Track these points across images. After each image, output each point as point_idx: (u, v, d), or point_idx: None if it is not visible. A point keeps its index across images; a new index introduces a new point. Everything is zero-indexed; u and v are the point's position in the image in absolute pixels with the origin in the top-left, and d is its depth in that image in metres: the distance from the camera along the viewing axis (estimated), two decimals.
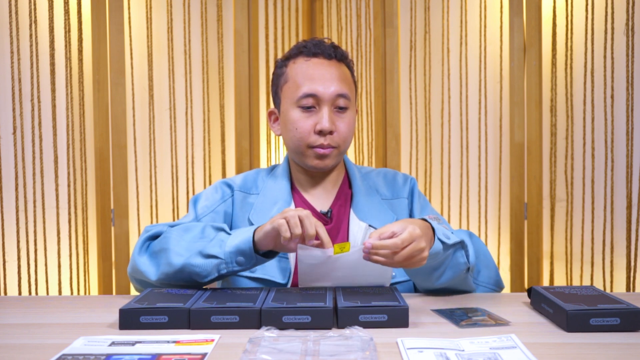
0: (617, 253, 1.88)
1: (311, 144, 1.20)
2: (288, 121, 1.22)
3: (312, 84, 1.20)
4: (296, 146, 1.22)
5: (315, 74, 1.21)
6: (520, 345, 0.81)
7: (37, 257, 1.89)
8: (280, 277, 1.18)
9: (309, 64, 1.22)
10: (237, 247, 1.05)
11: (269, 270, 1.18)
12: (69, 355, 0.79)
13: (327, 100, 1.19)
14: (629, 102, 1.84)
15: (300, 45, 1.26)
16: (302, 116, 1.20)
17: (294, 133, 1.21)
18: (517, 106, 2.00)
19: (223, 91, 2.12)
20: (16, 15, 1.86)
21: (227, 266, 1.05)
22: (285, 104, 1.24)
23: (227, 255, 1.05)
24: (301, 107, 1.20)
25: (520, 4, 2.00)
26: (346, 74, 1.25)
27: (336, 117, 1.21)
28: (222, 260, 1.05)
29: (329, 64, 1.23)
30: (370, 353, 0.76)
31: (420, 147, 2.14)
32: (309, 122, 1.20)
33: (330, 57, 1.23)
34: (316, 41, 1.25)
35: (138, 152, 2.05)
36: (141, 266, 1.13)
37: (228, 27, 2.13)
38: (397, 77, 2.10)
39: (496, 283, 1.23)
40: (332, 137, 1.20)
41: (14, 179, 1.86)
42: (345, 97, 1.21)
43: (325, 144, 1.20)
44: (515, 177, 2.02)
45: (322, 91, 1.19)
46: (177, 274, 1.08)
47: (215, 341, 0.84)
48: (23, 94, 1.88)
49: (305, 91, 1.19)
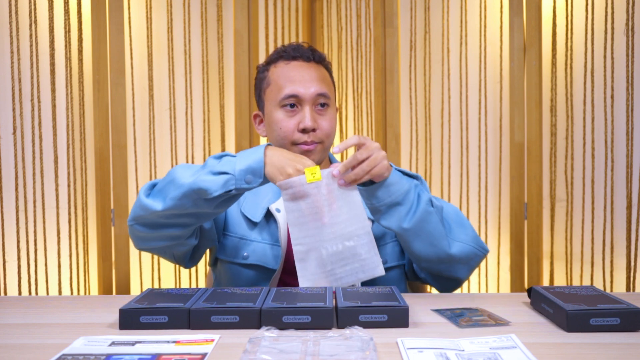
0: (617, 253, 1.88)
1: (295, 141, 1.27)
2: (272, 122, 1.29)
3: (293, 85, 1.27)
4: (281, 145, 1.28)
5: (296, 76, 1.28)
6: (520, 345, 0.81)
7: (37, 257, 1.89)
8: (272, 263, 1.25)
9: (289, 67, 1.30)
10: (248, 165, 1.08)
11: (261, 256, 1.26)
12: (69, 355, 0.79)
13: (308, 99, 1.26)
14: (629, 102, 1.84)
15: (279, 50, 1.34)
16: (285, 116, 1.27)
17: (278, 132, 1.28)
18: (517, 106, 2.01)
19: (223, 91, 2.12)
20: (16, 15, 1.86)
21: (236, 182, 1.07)
22: (269, 105, 1.31)
23: (238, 172, 1.08)
24: (284, 108, 1.27)
25: (520, 4, 2.00)
26: (325, 75, 1.33)
27: (318, 115, 1.28)
28: (232, 176, 1.07)
29: (308, 66, 1.30)
30: (370, 353, 0.76)
31: (420, 147, 2.14)
32: (292, 122, 1.27)
33: (309, 60, 1.31)
34: (295, 45, 1.33)
35: (138, 152, 2.05)
36: (147, 202, 1.14)
37: (228, 27, 2.13)
38: (397, 77, 2.10)
39: (475, 241, 1.22)
40: (315, 134, 1.27)
41: (14, 179, 1.86)
42: (325, 96, 1.28)
43: (309, 140, 1.26)
44: (515, 177, 2.02)
45: (303, 92, 1.26)
46: (185, 196, 1.09)
47: (215, 341, 0.84)
48: (23, 94, 1.88)
49: (287, 92, 1.26)
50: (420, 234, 1.15)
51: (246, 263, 1.27)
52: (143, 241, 1.22)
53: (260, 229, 1.28)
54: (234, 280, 1.29)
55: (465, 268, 1.22)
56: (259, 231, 1.28)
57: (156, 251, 1.26)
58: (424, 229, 1.15)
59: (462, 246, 1.20)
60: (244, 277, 1.28)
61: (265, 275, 1.27)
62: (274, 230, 1.27)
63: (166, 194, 1.13)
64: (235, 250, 1.28)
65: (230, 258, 1.29)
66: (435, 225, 1.16)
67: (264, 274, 1.27)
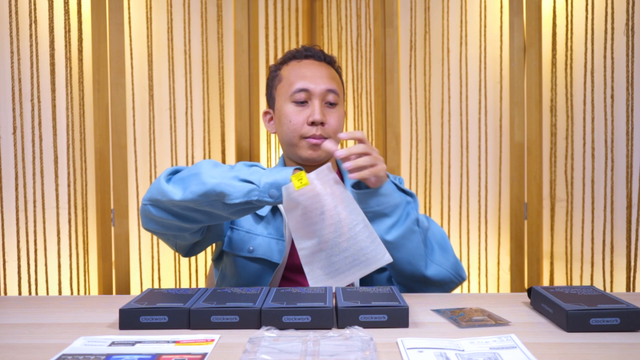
0: (617, 253, 1.88)
1: (304, 135, 1.31)
2: (282, 115, 1.34)
3: (304, 81, 1.33)
4: (290, 138, 1.33)
5: (307, 73, 1.34)
6: (520, 345, 0.81)
7: (37, 257, 1.89)
8: (277, 258, 1.29)
9: (301, 65, 1.37)
10: (275, 180, 1.08)
11: (267, 250, 1.29)
12: (69, 355, 0.79)
13: (318, 94, 1.32)
14: (629, 102, 1.84)
15: (292, 51, 1.42)
16: (295, 110, 1.32)
17: (288, 125, 1.32)
18: (517, 106, 2.01)
19: (223, 91, 2.12)
20: (16, 15, 1.86)
21: (259, 194, 1.07)
22: (280, 101, 1.37)
23: (263, 185, 1.08)
24: (294, 102, 1.33)
25: (520, 4, 2.00)
26: (335, 75, 1.39)
27: (327, 111, 1.33)
28: (257, 187, 1.07)
29: (319, 64, 1.37)
30: (370, 353, 0.76)
31: (420, 147, 2.14)
32: (302, 115, 1.32)
33: (320, 60, 1.39)
34: (307, 47, 1.41)
35: (138, 152, 2.05)
36: (166, 188, 1.14)
37: (228, 27, 2.13)
38: (397, 77, 2.10)
39: (453, 267, 1.23)
40: (324, 128, 1.31)
41: (14, 179, 1.86)
42: (335, 93, 1.34)
43: (317, 134, 1.30)
44: (515, 177, 2.02)
45: (314, 87, 1.32)
46: (206, 195, 1.09)
47: (215, 341, 0.84)
48: (23, 94, 1.88)
49: (298, 86, 1.32)
50: (400, 249, 1.17)
51: (251, 257, 1.29)
52: (152, 223, 1.21)
53: (267, 223, 1.31)
54: (239, 273, 1.31)
55: (438, 291, 1.23)
56: (265, 225, 1.31)
57: (161, 235, 1.26)
58: (404, 245, 1.17)
59: (439, 270, 1.21)
60: (249, 270, 1.30)
61: (270, 269, 1.30)
62: (279, 224, 1.30)
63: (187, 185, 1.12)
64: (241, 243, 1.31)
65: (237, 251, 1.31)
66: (417, 245, 1.18)
67: (269, 268, 1.30)
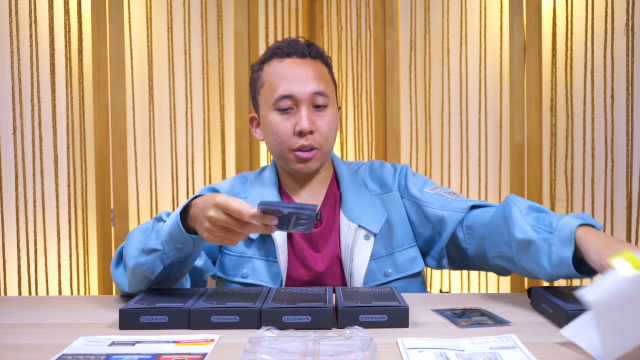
0: None
1: (292, 147, 1.18)
2: (267, 125, 1.20)
3: (288, 85, 1.17)
4: (278, 150, 1.20)
5: (290, 74, 1.18)
6: (520, 345, 0.81)
7: (37, 257, 1.89)
8: (271, 283, 1.18)
9: (283, 65, 1.20)
10: (169, 233, 0.99)
11: (260, 275, 1.18)
12: (69, 355, 0.79)
13: (304, 99, 1.17)
14: (629, 102, 1.84)
15: (273, 47, 1.23)
16: (280, 119, 1.18)
17: (274, 137, 1.19)
18: (517, 106, 2.01)
19: (223, 91, 2.12)
20: (16, 15, 1.86)
21: (168, 255, 1.00)
22: (264, 108, 1.22)
23: (165, 245, 0.99)
24: (279, 110, 1.18)
25: (520, 4, 2.00)
26: (322, 71, 1.22)
27: (315, 116, 1.18)
28: (162, 251, 1.00)
29: (303, 62, 1.20)
30: (370, 353, 0.76)
31: (420, 147, 2.14)
32: (288, 125, 1.17)
33: (304, 56, 1.21)
34: (289, 41, 1.23)
35: (138, 152, 2.05)
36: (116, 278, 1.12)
37: (228, 27, 2.13)
38: (397, 77, 2.10)
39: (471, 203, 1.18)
40: (313, 137, 1.18)
41: (14, 179, 1.86)
42: (323, 95, 1.18)
43: (307, 144, 1.17)
44: (515, 177, 2.02)
45: (299, 91, 1.17)
46: (137, 278, 1.05)
47: (215, 341, 0.84)
48: (23, 94, 1.88)
49: (281, 93, 1.17)
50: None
51: (246, 282, 1.19)
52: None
53: (258, 245, 1.21)
54: None
55: None
56: (256, 247, 1.21)
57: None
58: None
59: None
60: None
61: None
62: (270, 246, 1.20)
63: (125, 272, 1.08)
64: (234, 268, 1.22)
65: (230, 277, 1.22)
66: None
67: None
